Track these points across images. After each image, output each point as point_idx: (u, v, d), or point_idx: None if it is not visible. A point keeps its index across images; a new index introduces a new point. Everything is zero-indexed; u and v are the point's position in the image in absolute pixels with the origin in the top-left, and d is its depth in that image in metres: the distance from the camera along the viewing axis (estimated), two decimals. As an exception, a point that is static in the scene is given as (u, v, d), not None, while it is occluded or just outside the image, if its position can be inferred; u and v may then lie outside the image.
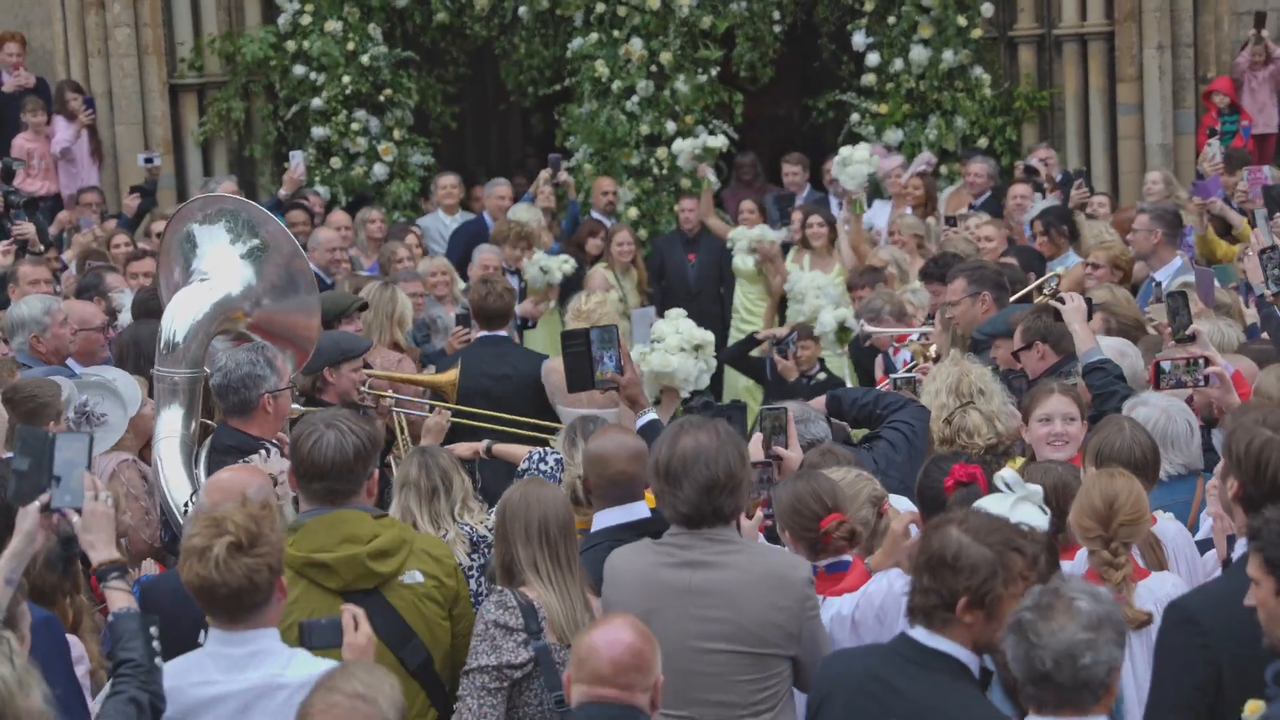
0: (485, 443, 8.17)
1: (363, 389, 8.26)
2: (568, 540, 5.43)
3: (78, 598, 5.34)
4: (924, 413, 7.02)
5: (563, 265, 12.42)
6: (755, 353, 11.52)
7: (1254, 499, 4.75)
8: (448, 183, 14.32)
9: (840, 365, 11.45)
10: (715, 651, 5.03)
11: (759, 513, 5.70)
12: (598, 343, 6.46)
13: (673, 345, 10.21)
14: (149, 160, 14.00)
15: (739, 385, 12.12)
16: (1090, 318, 8.05)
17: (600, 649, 4.36)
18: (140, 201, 13.64)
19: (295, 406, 7.26)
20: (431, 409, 8.48)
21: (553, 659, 5.24)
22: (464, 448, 7.98)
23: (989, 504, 4.96)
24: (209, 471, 6.55)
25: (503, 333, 9.76)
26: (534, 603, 5.29)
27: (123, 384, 7.54)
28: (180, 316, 7.16)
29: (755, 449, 6.03)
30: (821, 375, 10.91)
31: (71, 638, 5.14)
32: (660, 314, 11.25)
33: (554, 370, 9.13)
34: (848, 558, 5.51)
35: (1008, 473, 5.04)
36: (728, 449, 5.09)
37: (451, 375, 8.80)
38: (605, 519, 5.74)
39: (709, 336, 10.42)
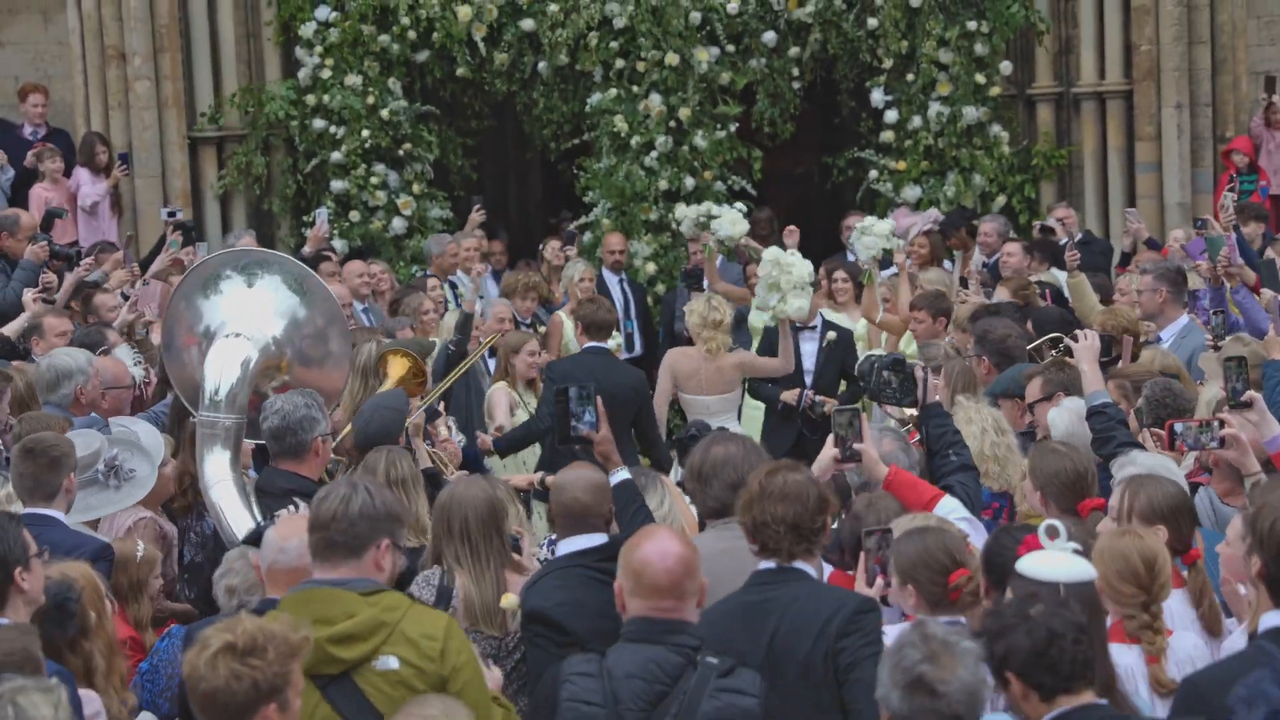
0: (540, 474, 8.38)
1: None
2: (486, 536, 6.12)
3: (86, 645, 5.28)
4: (976, 478, 6.97)
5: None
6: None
7: (1277, 580, 4.66)
8: (494, 248, 14.26)
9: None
10: None
11: (879, 581, 5.73)
12: (575, 400, 6.59)
13: (789, 285, 11.11)
14: (171, 214, 13.98)
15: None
16: (1108, 355, 8.03)
17: (654, 561, 4.90)
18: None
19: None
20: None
21: None
22: (520, 479, 8.17)
23: (1039, 559, 4.85)
24: (262, 515, 6.67)
25: (605, 345, 10.64)
26: (452, 587, 5.97)
27: (148, 439, 7.53)
28: (226, 368, 7.31)
29: (827, 454, 6.32)
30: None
31: (88, 693, 5.09)
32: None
33: (681, 355, 11.26)
34: (963, 619, 5.35)
35: (1055, 521, 4.94)
36: (751, 457, 5.96)
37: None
38: (566, 546, 5.97)
39: (809, 266, 11.29)
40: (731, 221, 13.05)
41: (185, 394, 7.89)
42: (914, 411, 8.76)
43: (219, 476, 7.13)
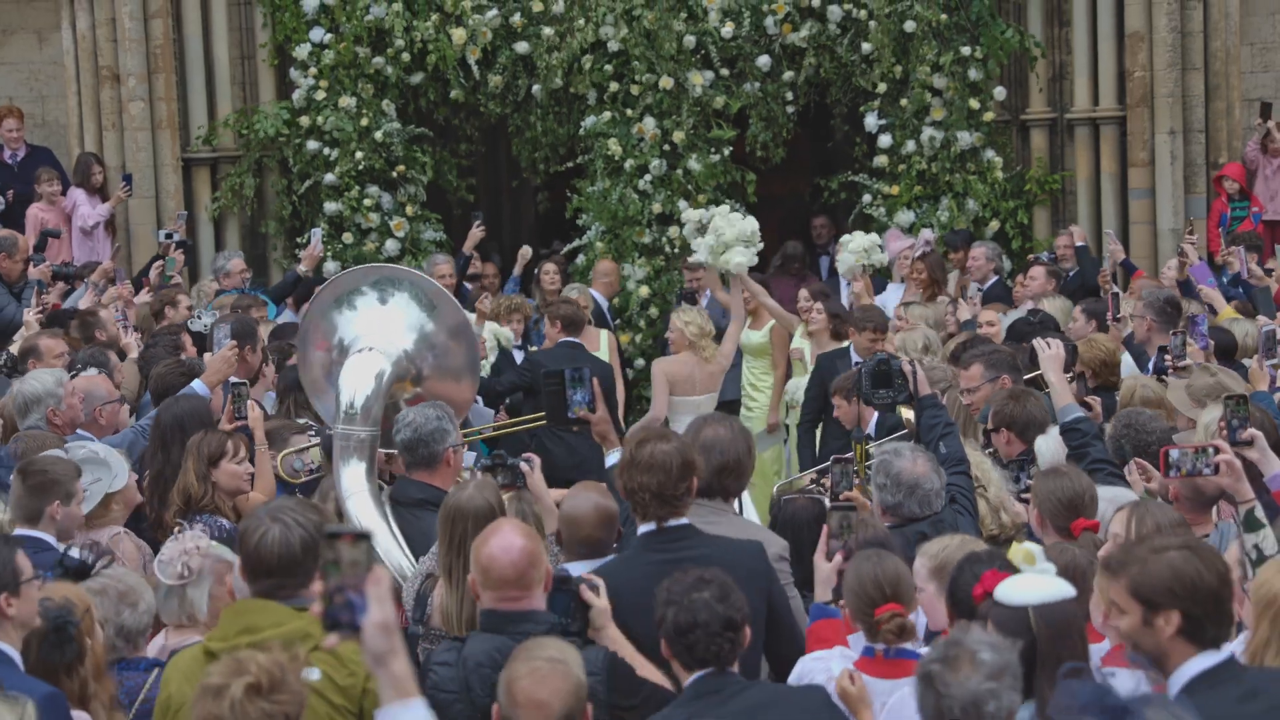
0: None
1: None
2: None
3: (81, 669, 5.25)
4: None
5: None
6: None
7: None
8: (486, 270, 14.31)
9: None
10: None
11: (838, 557, 5.87)
12: (569, 382, 6.81)
13: (733, 239, 12.04)
14: (168, 236, 13.93)
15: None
16: (1073, 365, 8.00)
17: (499, 556, 5.27)
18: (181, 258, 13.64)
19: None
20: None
21: (418, 644, 6.17)
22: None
23: (1016, 584, 4.84)
24: (397, 524, 7.00)
25: (578, 340, 11.80)
26: (429, 595, 6.27)
27: (111, 457, 7.50)
28: (360, 382, 7.59)
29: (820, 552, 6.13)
30: None
31: (82, 715, 5.07)
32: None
33: (674, 363, 12.14)
34: (909, 646, 5.43)
35: (1032, 545, 4.94)
36: (739, 441, 6.35)
37: None
38: (575, 569, 6.00)
39: (754, 223, 12.28)
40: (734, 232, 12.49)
41: (312, 396, 8.24)
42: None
43: (355, 488, 7.39)
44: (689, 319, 12.11)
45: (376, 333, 7.77)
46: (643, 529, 5.93)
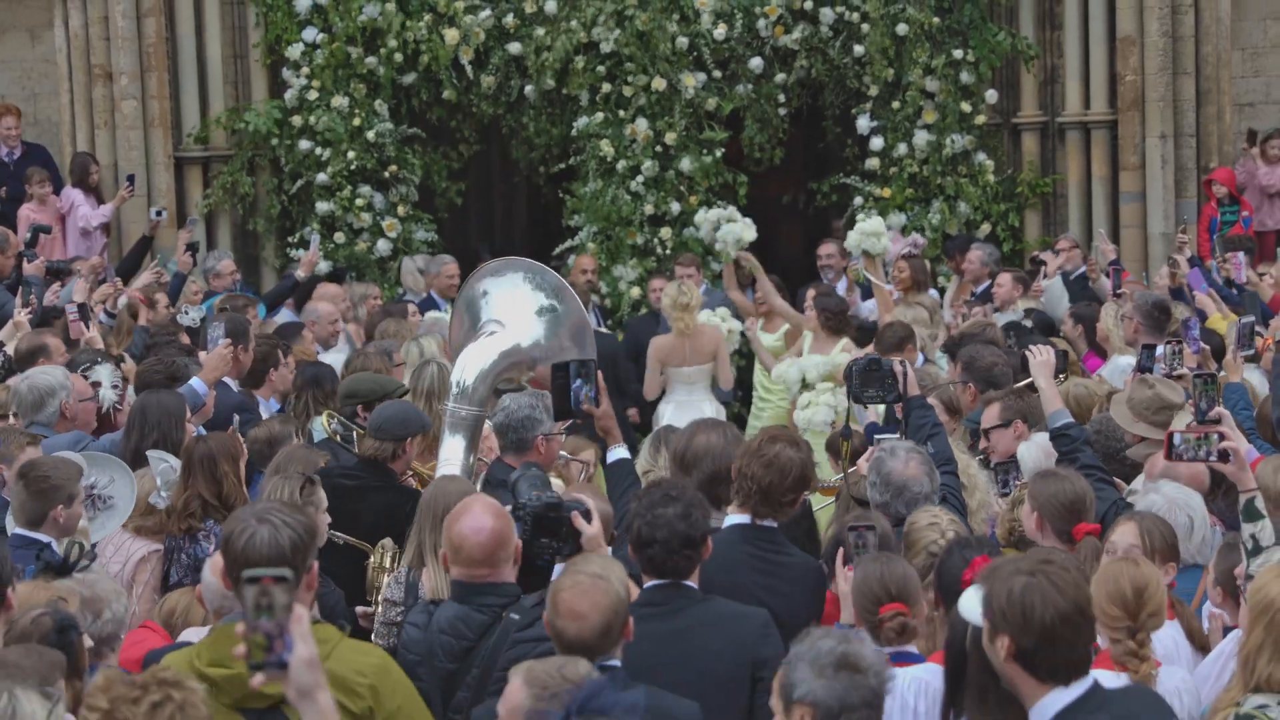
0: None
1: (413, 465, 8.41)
2: None
3: (76, 683, 5.22)
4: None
5: None
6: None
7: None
8: (452, 270, 14.11)
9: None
10: None
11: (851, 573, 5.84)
12: (574, 375, 6.82)
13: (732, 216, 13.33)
14: (159, 213, 13.99)
15: None
16: (1063, 371, 8.01)
17: (470, 537, 5.52)
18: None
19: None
20: None
21: None
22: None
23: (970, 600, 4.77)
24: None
25: None
26: (417, 582, 6.40)
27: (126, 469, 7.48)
28: (473, 363, 7.88)
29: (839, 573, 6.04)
30: None
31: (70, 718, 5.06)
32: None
33: (662, 340, 12.55)
34: (911, 648, 5.40)
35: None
36: (731, 449, 6.38)
37: None
38: None
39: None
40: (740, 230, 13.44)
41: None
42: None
43: (446, 458, 7.75)
44: (665, 291, 12.60)
45: (503, 319, 8.10)
46: (736, 517, 6.17)
